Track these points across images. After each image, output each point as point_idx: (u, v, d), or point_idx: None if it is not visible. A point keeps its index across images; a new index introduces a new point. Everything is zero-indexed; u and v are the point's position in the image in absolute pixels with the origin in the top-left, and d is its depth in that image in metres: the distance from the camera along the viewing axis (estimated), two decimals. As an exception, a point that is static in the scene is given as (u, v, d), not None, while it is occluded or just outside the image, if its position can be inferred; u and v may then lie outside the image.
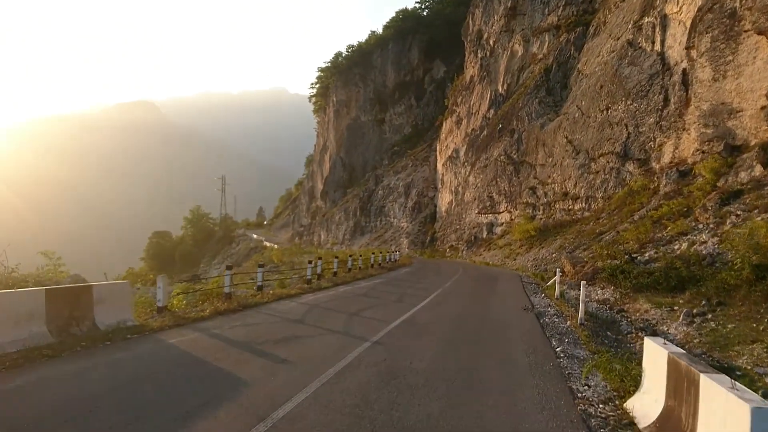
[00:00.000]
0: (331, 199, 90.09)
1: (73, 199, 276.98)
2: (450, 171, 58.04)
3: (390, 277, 25.23)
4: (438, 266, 34.75)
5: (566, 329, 11.17)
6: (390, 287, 19.76)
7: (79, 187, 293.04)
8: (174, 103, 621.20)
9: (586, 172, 33.80)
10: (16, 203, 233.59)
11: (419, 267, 34.00)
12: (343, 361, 7.74)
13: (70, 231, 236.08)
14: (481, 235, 46.93)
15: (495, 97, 51.48)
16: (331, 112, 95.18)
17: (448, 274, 27.11)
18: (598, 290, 16.46)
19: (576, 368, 7.97)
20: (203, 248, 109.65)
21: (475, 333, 10.69)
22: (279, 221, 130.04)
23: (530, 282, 22.73)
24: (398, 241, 63.21)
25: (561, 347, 9.44)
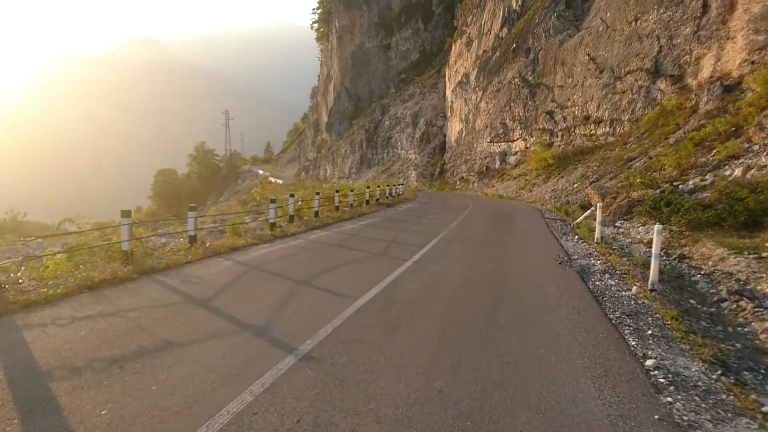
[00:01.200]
0: (337, 132, 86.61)
1: (78, 139, 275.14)
2: (460, 97, 54.36)
3: (385, 216, 21.22)
4: (446, 200, 31.86)
5: (634, 303, 7.37)
6: (379, 232, 15.60)
7: (85, 127, 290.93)
8: (179, 40, 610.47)
9: (611, 93, 30.42)
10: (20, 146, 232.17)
11: (424, 202, 30.82)
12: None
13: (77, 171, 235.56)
14: (493, 166, 43.93)
15: (508, 14, 47.14)
16: (334, 39, 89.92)
17: (455, 209, 23.68)
18: (639, 228, 13.66)
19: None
20: (209, 185, 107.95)
21: (488, 325, 6.22)
22: (286, 156, 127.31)
23: (554, 218, 19.32)
24: (406, 173, 60.35)
25: (648, 350, 5.53)
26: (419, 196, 36.84)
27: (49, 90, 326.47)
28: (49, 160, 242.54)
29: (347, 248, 12.00)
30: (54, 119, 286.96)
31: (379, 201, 28.45)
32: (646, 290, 7.86)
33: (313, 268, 9.37)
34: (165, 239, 14.71)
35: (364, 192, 27.14)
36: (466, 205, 26.68)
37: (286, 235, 14.30)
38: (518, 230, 16.24)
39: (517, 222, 18.65)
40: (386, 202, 28.99)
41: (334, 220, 18.79)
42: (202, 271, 9.19)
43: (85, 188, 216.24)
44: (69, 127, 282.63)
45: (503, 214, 21.39)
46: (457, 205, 27.27)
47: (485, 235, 14.93)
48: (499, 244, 12.98)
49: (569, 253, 11.20)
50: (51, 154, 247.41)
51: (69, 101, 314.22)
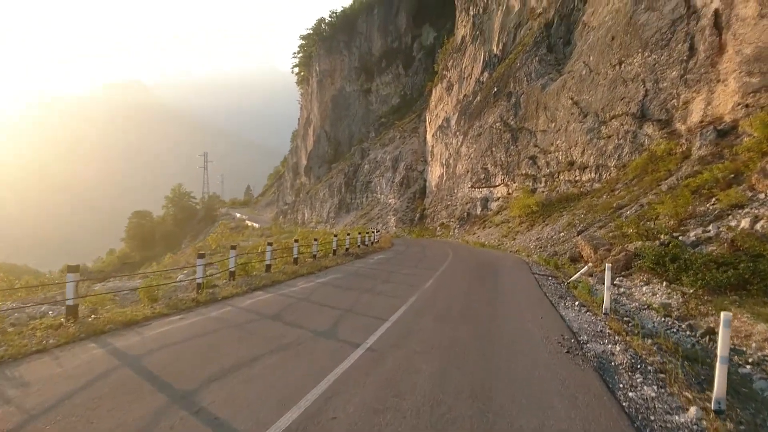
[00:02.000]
0: (316, 175, 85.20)
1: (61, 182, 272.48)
2: (440, 142, 53.27)
3: (351, 270, 17.88)
4: (423, 250, 29.68)
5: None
6: (336, 294, 12.22)
7: (68, 171, 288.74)
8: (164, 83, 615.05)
9: (596, 137, 29.21)
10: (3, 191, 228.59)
11: (400, 251, 28.14)
12: None
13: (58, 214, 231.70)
14: (474, 212, 42.39)
15: (489, 59, 46.53)
16: (315, 82, 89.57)
17: (433, 261, 20.98)
18: (641, 286, 11.80)
19: None
20: (185, 228, 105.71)
21: None
22: (265, 199, 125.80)
23: (544, 274, 16.80)
24: (385, 218, 58.66)
25: None
26: (396, 244, 34.91)
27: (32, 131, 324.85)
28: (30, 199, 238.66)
29: (283, 322, 8.73)
30: (36, 160, 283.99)
31: (349, 251, 25.51)
32: (709, 411, 5.18)
33: (210, 368, 6.11)
34: (46, 307, 10.82)
35: (331, 240, 24.46)
36: (446, 255, 24.59)
37: (215, 299, 11.05)
38: (506, 291, 13.15)
39: (504, 279, 15.74)
40: (357, 251, 26.18)
41: (288, 276, 15.66)
42: (43, 370, 6.07)
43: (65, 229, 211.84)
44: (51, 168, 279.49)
45: (487, 269, 18.62)
46: (436, 255, 24.99)
47: (466, 300, 11.73)
48: (485, 317, 9.63)
49: (574, 330, 8.46)
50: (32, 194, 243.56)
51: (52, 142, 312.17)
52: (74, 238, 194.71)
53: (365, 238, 31.56)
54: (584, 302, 11.08)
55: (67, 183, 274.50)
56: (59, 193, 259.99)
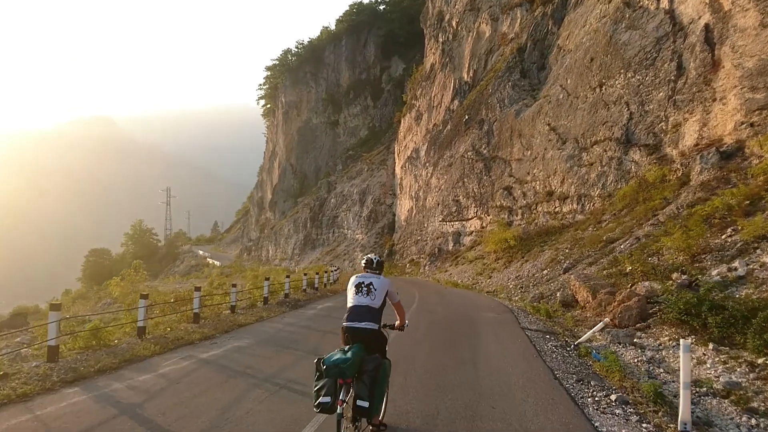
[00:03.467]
0: (281, 210, 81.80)
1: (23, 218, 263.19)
2: (409, 174, 50.63)
3: (268, 333, 12.58)
4: None
5: None
6: (197, 399, 6.72)
7: (29, 206, 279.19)
8: (134, 119, 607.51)
9: (577, 165, 26.74)
10: None
11: None
12: None
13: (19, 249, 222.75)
14: (446, 247, 39.48)
15: (459, 86, 44.38)
16: (280, 114, 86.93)
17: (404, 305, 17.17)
18: (672, 347, 8.72)
19: None
20: (147, 266, 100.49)
21: None
22: (230, 236, 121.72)
23: (538, 329, 12.87)
24: (352, 255, 55.40)
25: None
26: None
27: None
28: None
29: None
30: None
31: (287, 297, 20.23)
32: None
33: None
34: None
35: (262, 286, 19.08)
36: (411, 298, 20.83)
37: (19, 396, 6.55)
38: (492, 371, 8.31)
39: (486, 344, 10.96)
40: (300, 296, 21.73)
41: (162, 346, 10.25)
42: None
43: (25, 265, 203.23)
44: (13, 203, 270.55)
45: (461, 323, 14.02)
46: (402, 298, 21.23)
47: (426, 399, 6.74)
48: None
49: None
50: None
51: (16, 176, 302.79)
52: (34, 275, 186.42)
53: (320, 278, 27.35)
54: (623, 392, 7.03)
55: (29, 217, 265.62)
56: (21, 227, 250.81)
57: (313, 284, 25.99)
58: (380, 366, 4.98)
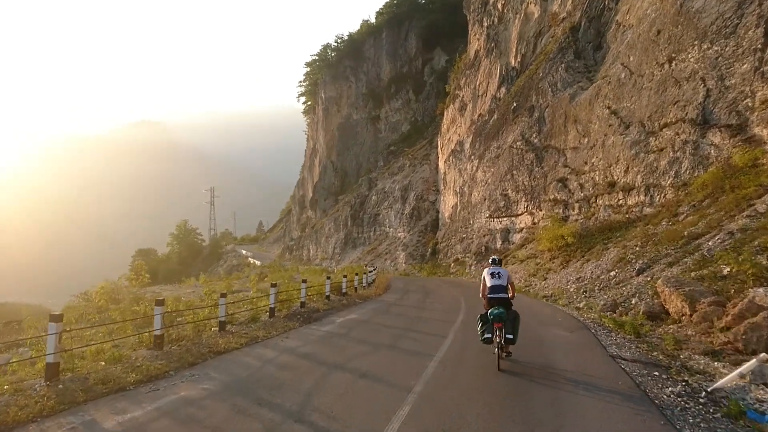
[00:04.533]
0: (321, 208, 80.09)
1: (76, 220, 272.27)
2: (454, 168, 47.86)
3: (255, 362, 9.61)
4: (427, 297, 23.58)
5: None
6: None
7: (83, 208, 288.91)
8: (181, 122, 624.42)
9: (643, 152, 23.56)
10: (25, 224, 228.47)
11: (389, 303, 20.68)
12: None
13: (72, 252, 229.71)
14: (494, 245, 36.59)
15: (506, 72, 41.38)
16: (320, 111, 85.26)
17: (431, 328, 13.75)
18: None
19: None
20: (190, 266, 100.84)
21: None
22: (273, 235, 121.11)
23: (634, 358, 9.69)
24: (394, 254, 53.03)
25: None
26: (396, 286, 29.03)
27: (54, 167, 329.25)
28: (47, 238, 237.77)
29: None
30: (57, 195, 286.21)
31: (303, 306, 16.83)
32: None
33: None
34: None
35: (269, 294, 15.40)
36: (456, 309, 18.10)
37: None
38: None
39: (571, 393, 7.58)
40: (321, 305, 18.11)
41: (36, 412, 6.47)
42: None
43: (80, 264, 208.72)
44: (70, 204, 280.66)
45: (524, 347, 10.37)
46: (440, 311, 18.29)
47: None
48: None
49: None
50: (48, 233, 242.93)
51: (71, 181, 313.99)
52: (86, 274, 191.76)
53: (349, 280, 24.37)
54: None
55: (82, 219, 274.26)
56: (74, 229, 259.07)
57: (340, 289, 22.68)
58: (517, 316, 9.51)
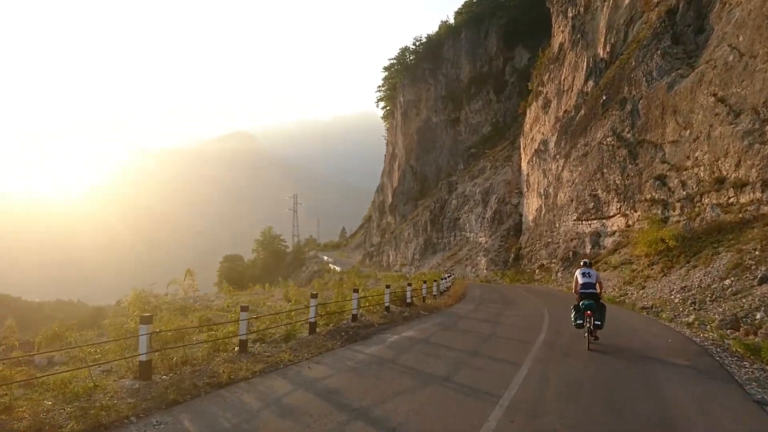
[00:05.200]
0: (401, 214, 78.97)
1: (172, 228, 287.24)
2: (537, 169, 45.28)
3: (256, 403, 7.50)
4: (505, 307, 21.40)
5: None
6: None
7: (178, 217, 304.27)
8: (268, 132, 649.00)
9: (758, 142, 20.63)
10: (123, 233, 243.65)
11: (459, 316, 18.32)
12: None
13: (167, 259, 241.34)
14: (582, 250, 33.90)
15: (594, 64, 38.53)
16: (399, 115, 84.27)
17: (500, 353, 11.32)
18: None
19: None
20: (274, 271, 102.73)
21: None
22: (354, 241, 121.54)
23: None
24: (475, 260, 51.00)
25: None
26: (472, 295, 27.10)
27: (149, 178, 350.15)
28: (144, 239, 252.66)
29: None
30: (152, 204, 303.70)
31: (357, 321, 14.71)
32: None
33: None
34: None
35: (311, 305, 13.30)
36: (537, 323, 15.77)
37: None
38: None
39: None
40: (376, 318, 15.93)
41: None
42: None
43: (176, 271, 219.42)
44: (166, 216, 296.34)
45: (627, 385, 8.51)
46: (520, 325, 15.96)
47: None
48: None
49: None
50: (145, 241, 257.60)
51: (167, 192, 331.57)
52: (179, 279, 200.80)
53: (415, 289, 22.13)
54: None
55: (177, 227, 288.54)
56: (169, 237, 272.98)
57: (404, 298, 20.09)
58: (604, 306, 12.06)
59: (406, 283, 23.10)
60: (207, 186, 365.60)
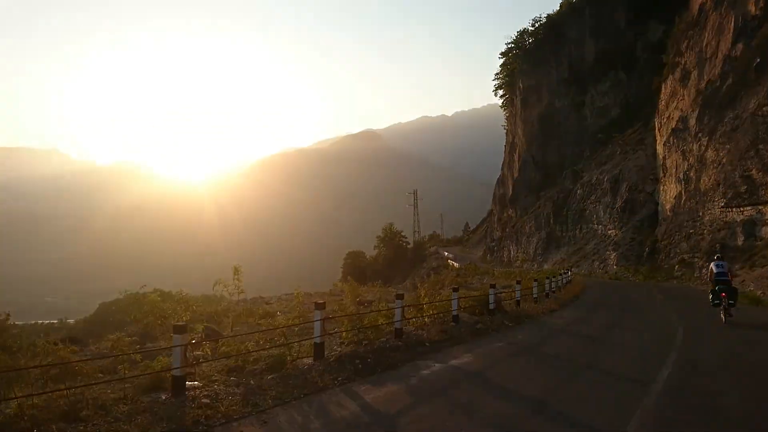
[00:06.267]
0: (522, 206, 74.43)
1: (303, 224, 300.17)
2: (675, 150, 39.74)
3: None
4: (622, 315, 17.72)
5: None
6: None
7: (309, 213, 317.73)
8: (394, 130, 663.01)
9: None
10: (257, 227, 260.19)
11: (564, 324, 15.66)
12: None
13: (295, 254, 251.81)
14: (732, 242, 28.74)
15: (743, 24, 32.64)
16: (518, 102, 79.32)
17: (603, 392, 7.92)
18: None
19: None
20: (396, 267, 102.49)
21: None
22: (476, 236, 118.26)
23: None
24: (603, 254, 46.25)
25: None
26: (588, 297, 23.44)
27: (275, 176, 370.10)
28: (271, 236, 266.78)
29: None
30: (279, 201, 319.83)
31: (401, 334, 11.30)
32: None
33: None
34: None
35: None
36: (663, 346, 11.79)
37: None
38: None
39: None
40: (435, 334, 12.13)
41: None
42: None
43: (303, 265, 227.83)
44: (298, 213, 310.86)
45: None
46: (635, 348, 12.22)
47: None
48: None
49: None
50: (279, 234, 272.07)
51: (298, 190, 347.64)
52: (308, 273, 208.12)
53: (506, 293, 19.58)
54: None
55: (309, 223, 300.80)
56: (298, 233, 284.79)
57: (487, 304, 15.77)
58: (737, 289, 15.23)
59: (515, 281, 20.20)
60: (337, 184, 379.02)
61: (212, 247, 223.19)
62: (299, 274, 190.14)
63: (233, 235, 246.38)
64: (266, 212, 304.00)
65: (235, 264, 13.96)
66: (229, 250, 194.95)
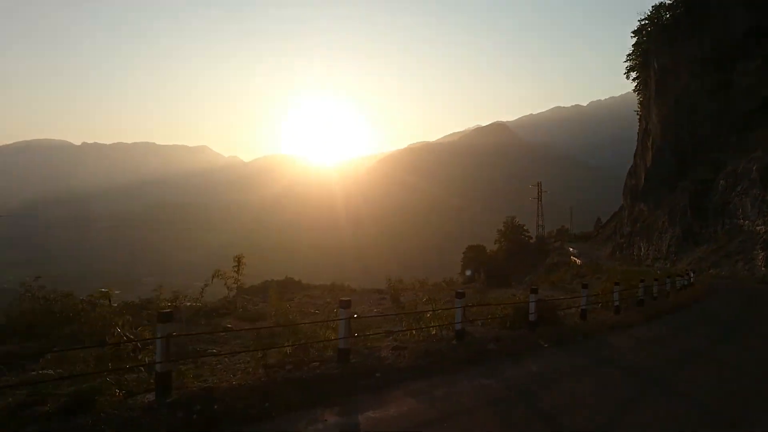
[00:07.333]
0: (654, 199, 68.09)
1: (433, 218, 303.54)
2: (840, 133, 33.74)
3: None
4: (724, 341, 13.39)
5: None
6: None
7: (442, 208, 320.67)
8: (525, 122, 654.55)
9: None
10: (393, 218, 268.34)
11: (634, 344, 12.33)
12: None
13: (420, 248, 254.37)
14: None
15: None
16: (652, 84, 72.52)
17: None
18: None
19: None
20: (517, 261, 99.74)
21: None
22: (605, 232, 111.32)
23: None
24: (749, 254, 40.89)
25: None
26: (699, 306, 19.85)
27: (407, 170, 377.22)
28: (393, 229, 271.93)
29: None
30: (417, 196, 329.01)
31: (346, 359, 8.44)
32: None
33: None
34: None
35: None
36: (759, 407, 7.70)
37: None
38: None
39: None
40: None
41: None
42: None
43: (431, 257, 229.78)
44: (431, 206, 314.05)
45: None
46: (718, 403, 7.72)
47: None
48: None
49: None
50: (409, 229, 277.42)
51: (432, 184, 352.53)
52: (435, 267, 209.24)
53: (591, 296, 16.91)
54: None
55: (438, 217, 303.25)
56: (428, 227, 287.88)
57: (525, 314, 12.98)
58: None
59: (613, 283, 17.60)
60: (466, 175, 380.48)
61: (342, 240, 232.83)
62: (427, 263, 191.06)
63: (363, 228, 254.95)
64: (394, 205, 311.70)
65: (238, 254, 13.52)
66: (358, 244, 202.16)
